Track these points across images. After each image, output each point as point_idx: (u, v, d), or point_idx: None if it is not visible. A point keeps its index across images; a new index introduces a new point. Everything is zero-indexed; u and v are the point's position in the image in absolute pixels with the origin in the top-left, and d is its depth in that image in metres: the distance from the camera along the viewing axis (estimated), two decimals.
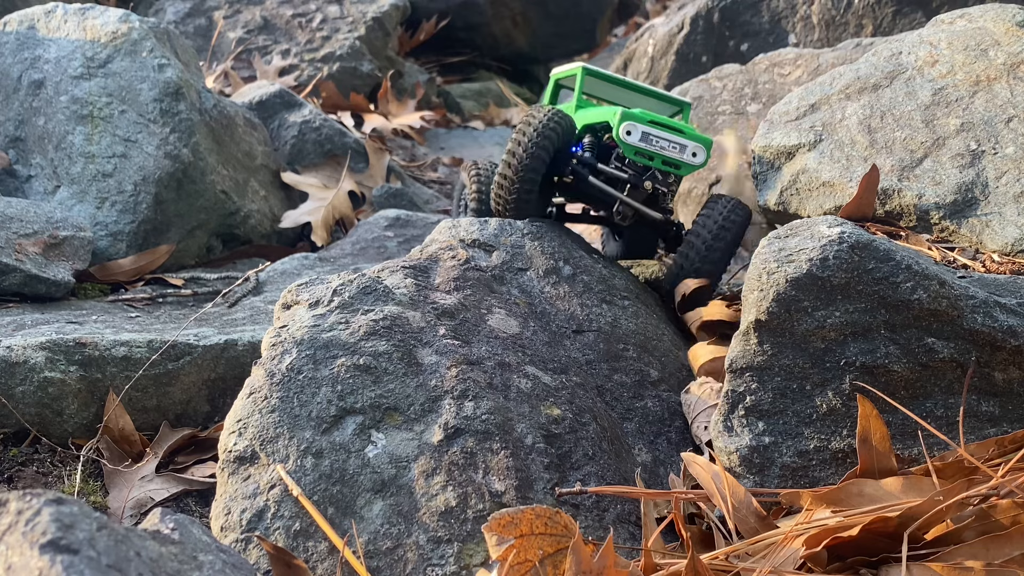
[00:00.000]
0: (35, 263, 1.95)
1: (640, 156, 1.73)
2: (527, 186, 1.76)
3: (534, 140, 1.73)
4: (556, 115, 1.76)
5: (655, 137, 1.72)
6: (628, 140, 1.72)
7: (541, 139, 1.73)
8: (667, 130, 1.73)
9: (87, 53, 2.31)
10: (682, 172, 1.75)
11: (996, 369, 1.30)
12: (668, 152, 1.73)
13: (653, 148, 1.72)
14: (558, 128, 1.75)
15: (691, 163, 1.74)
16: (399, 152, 3.23)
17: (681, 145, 1.73)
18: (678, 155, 1.73)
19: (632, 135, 1.72)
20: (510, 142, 1.76)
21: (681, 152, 1.73)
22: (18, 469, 1.62)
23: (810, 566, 1.12)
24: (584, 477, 1.35)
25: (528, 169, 1.74)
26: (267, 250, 2.45)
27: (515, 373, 1.44)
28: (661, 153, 1.73)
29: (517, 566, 1.07)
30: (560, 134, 1.76)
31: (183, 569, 0.95)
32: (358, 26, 3.60)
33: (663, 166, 1.74)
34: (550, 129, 1.74)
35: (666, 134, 1.73)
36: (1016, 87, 1.68)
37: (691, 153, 1.73)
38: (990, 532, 1.10)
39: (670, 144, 1.73)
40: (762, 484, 1.30)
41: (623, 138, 1.72)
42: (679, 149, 1.73)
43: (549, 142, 1.74)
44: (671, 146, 1.73)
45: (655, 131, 1.72)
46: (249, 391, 1.38)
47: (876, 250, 1.29)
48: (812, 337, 1.29)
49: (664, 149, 1.73)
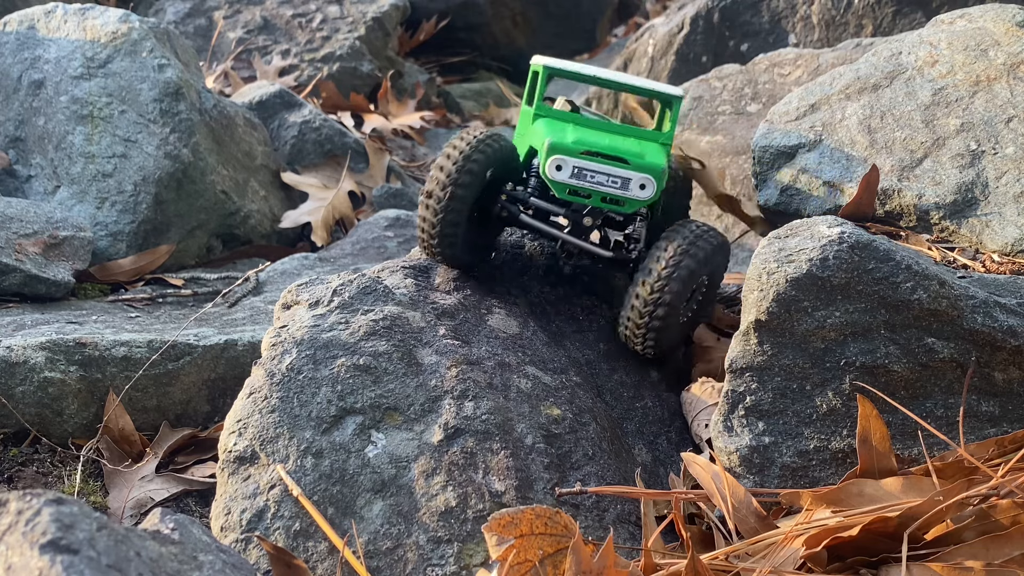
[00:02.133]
0: (35, 263, 1.95)
1: (574, 196, 1.49)
2: (448, 228, 1.50)
3: (453, 175, 1.48)
4: (486, 140, 1.51)
5: (590, 172, 1.47)
6: (557, 177, 1.47)
7: (462, 173, 1.48)
8: (606, 161, 1.48)
9: (87, 53, 2.31)
10: (626, 209, 1.50)
11: (996, 369, 1.30)
12: (608, 188, 1.47)
13: (588, 185, 1.47)
14: (485, 154, 1.50)
15: (637, 198, 1.48)
16: (399, 152, 3.23)
17: (623, 179, 1.47)
18: (619, 191, 1.47)
19: (562, 171, 1.47)
20: (429, 175, 1.52)
21: (623, 187, 1.47)
22: (18, 469, 1.62)
23: (810, 566, 1.12)
24: (584, 477, 1.35)
25: (448, 210, 1.49)
26: (267, 250, 2.45)
27: (515, 373, 1.44)
28: (598, 190, 1.48)
29: (517, 566, 1.07)
30: (489, 162, 1.50)
31: (183, 569, 0.95)
32: (358, 26, 3.60)
33: (603, 204, 1.50)
34: (473, 161, 1.49)
35: (604, 167, 1.47)
36: (1016, 87, 1.68)
37: (637, 186, 1.47)
38: (990, 532, 1.10)
39: (609, 179, 1.47)
40: (762, 484, 1.30)
41: (551, 175, 1.47)
42: (620, 184, 1.47)
43: (472, 176, 1.48)
44: (610, 180, 1.47)
45: (590, 165, 1.47)
46: (249, 391, 1.38)
47: (876, 250, 1.29)
48: (812, 337, 1.29)
49: (601, 185, 1.47)
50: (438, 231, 1.51)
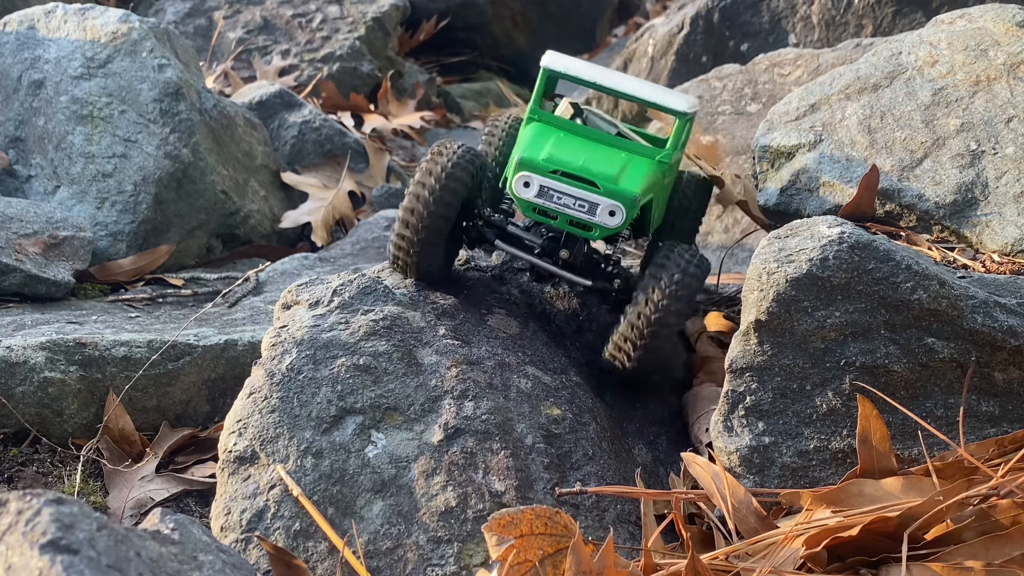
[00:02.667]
0: (35, 263, 1.95)
1: (539, 215, 1.42)
2: (428, 248, 1.47)
3: (436, 191, 1.43)
4: (466, 156, 1.46)
5: (556, 192, 1.40)
6: (523, 195, 1.40)
7: (445, 191, 1.43)
8: (575, 183, 1.40)
9: (87, 53, 2.31)
10: (594, 235, 1.43)
11: (996, 369, 1.30)
12: (574, 212, 1.40)
13: (553, 206, 1.40)
14: (467, 171, 1.45)
15: (605, 225, 1.40)
16: (399, 152, 3.23)
17: (590, 203, 1.39)
18: (586, 215, 1.40)
19: (529, 188, 1.40)
20: (409, 191, 1.46)
21: (590, 212, 1.39)
22: (18, 469, 1.62)
23: (810, 566, 1.12)
24: (584, 477, 1.35)
25: (428, 229, 1.44)
26: (267, 250, 2.45)
27: (515, 373, 1.44)
28: (564, 212, 1.40)
29: (517, 566, 1.07)
30: (471, 179, 1.46)
31: (183, 569, 0.95)
32: (358, 26, 3.60)
33: (569, 227, 1.42)
34: (455, 179, 1.44)
35: (572, 188, 1.39)
36: (1016, 87, 1.68)
37: (606, 212, 1.39)
38: (990, 532, 1.10)
39: (576, 202, 1.39)
40: (762, 484, 1.30)
41: (517, 192, 1.40)
42: (587, 208, 1.39)
43: (454, 195, 1.44)
44: (577, 204, 1.39)
45: (558, 185, 1.40)
46: (249, 391, 1.38)
47: (876, 250, 1.29)
48: (812, 337, 1.29)
49: (567, 208, 1.40)
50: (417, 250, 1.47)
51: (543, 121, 1.53)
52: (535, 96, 1.54)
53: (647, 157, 1.50)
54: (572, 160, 1.42)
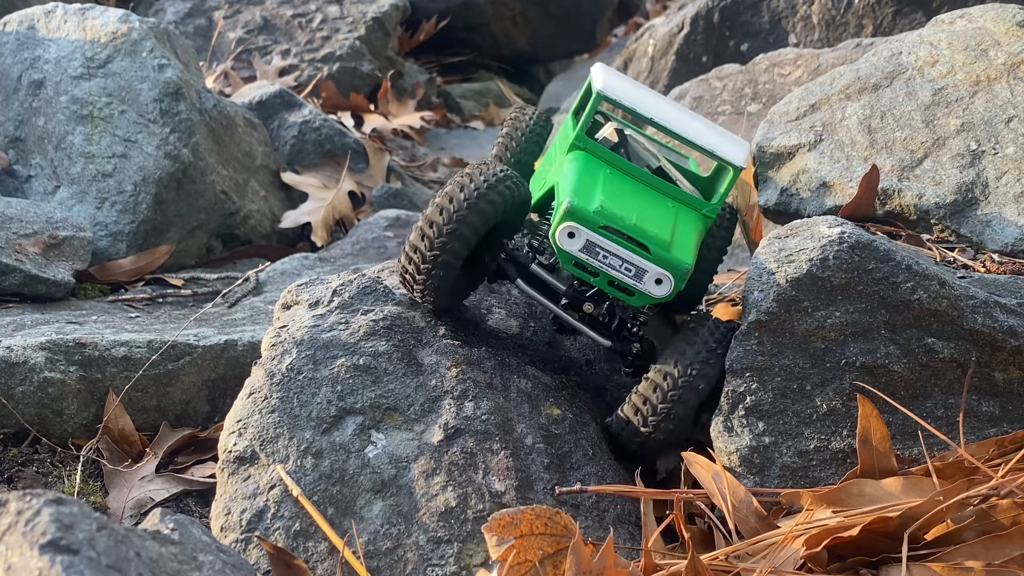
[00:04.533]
0: (35, 263, 1.95)
1: (579, 269, 1.31)
2: (441, 270, 1.34)
3: (462, 212, 1.30)
4: (508, 181, 1.33)
5: (603, 251, 1.27)
6: (567, 247, 1.28)
7: (472, 212, 1.30)
8: (626, 243, 1.28)
9: (87, 53, 2.31)
10: (635, 301, 1.31)
11: (996, 369, 1.30)
12: (618, 274, 1.28)
13: (597, 264, 1.28)
14: (504, 198, 1.32)
15: (649, 293, 1.29)
16: (399, 152, 3.23)
17: (638, 269, 1.27)
18: (631, 280, 1.28)
19: (574, 240, 1.27)
20: (433, 204, 1.33)
21: (637, 278, 1.28)
22: (18, 469, 1.62)
23: (810, 566, 1.12)
24: (584, 477, 1.35)
25: (445, 249, 1.31)
26: (267, 250, 2.45)
27: (515, 373, 1.44)
28: (607, 272, 1.29)
29: (517, 566, 1.07)
30: (505, 207, 1.33)
31: (183, 569, 0.95)
32: (358, 26, 3.60)
33: (609, 288, 1.31)
34: (489, 201, 1.31)
35: (621, 249, 1.27)
36: (1016, 87, 1.68)
37: (652, 280, 1.28)
38: (990, 532, 1.10)
39: (622, 264, 1.28)
40: (762, 484, 1.30)
41: (560, 242, 1.28)
42: (634, 273, 1.28)
43: (483, 217, 1.31)
44: (623, 267, 1.28)
45: (606, 243, 1.27)
46: (249, 391, 1.38)
47: (876, 250, 1.29)
48: (812, 337, 1.29)
49: (613, 269, 1.28)
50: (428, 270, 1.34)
51: (588, 151, 1.40)
52: (583, 121, 1.40)
53: (695, 210, 1.39)
54: (625, 215, 1.29)
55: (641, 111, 1.38)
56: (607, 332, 1.39)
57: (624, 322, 1.39)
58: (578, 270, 1.31)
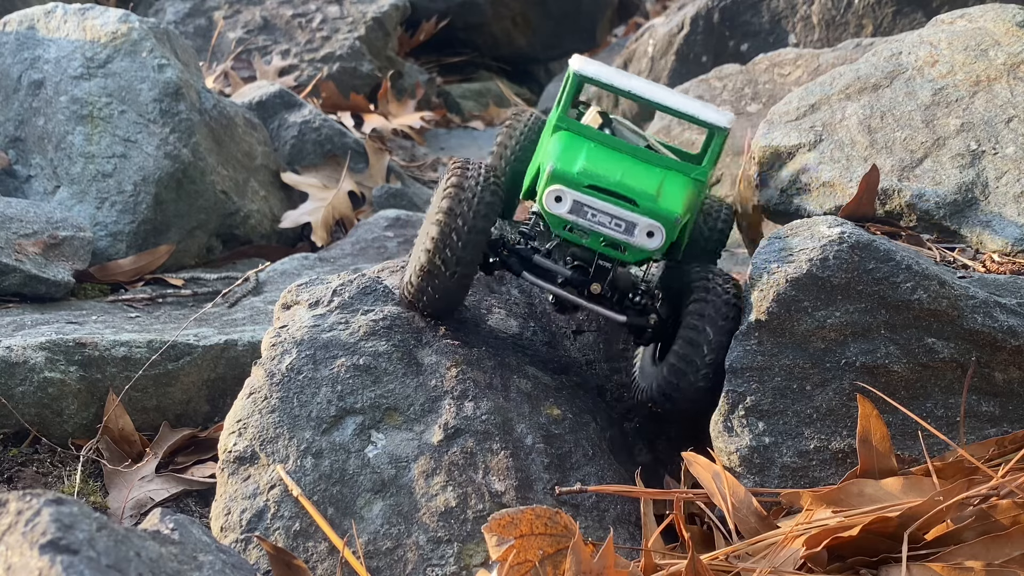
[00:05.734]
0: (35, 263, 1.95)
1: (570, 232, 1.31)
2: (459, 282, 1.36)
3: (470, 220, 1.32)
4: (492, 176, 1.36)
5: (591, 210, 1.28)
6: (555, 210, 1.29)
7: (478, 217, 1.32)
8: (613, 199, 1.28)
9: (87, 53, 2.31)
10: (628, 257, 1.32)
11: (996, 369, 1.30)
12: (609, 231, 1.29)
13: (587, 223, 1.29)
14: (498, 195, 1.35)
15: (644, 247, 1.29)
16: (399, 152, 3.23)
17: (628, 223, 1.28)
18: (622, 235, 1.28)
19: (561, 203, 1.28)
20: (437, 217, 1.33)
21: (628, 232, 1.28)
22: (18, 469, 1.62)
23: (810, 566, 1.12)
24: (584, 477, 1.35)
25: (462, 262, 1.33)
26: (267, 250, 2.45)
27: (515, 373, 1.44)
28: (598, 231, 1.29)
29: (517, 566, 1.07)
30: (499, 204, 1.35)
31: (183, 569, 0.95)
32: (358, 26, 3.60)
33: (602, 248, 1.31)
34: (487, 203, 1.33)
35: (609, 206, 1.28)
36: (1016, 87, 1.68)
37: (644, 233, 1.28)
38: (990, 532, 1.10)
39: (612, 220, 1.28)
40: (762, 484, 1.30)
41: (548, 206, 1.29)
42: (624, 227, 1.28)
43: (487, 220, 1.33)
44: (613, 223, 1.28)
45: (593, 201, 1.28)
46: (249, 391, 1.38)
47: (876, 250, 1.29)
48: (812, 337, 1.29)
49: (602, 226, 1.28)
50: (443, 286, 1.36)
51: (571, 131, 1.39)
52: (563, 103, 1.40)
53: (683, 174, 1.38)
54: (609, 174, 1.30)
55: (618, 85, 1.38)
56: (619, 308, 1.37)
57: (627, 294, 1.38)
58: (568, 233, 1.31)
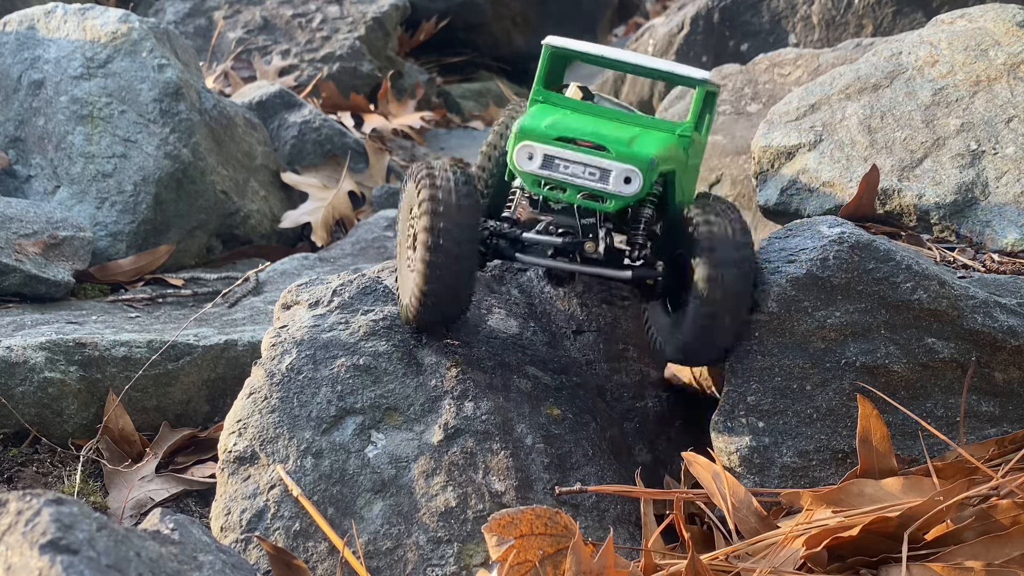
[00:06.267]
0: (35, 263, 1.95)
1: (547, 189, 1.27)
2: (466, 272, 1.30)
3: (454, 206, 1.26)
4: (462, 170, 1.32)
5: (563, 161, 1.25)
6: (526, 167, 1.25)
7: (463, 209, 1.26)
8: (583, 149, 1.25)
9: (87, 53, 2.31)
10: (609, 207, 1.27)
11: (996, 369, 1.30)
12: (583, 181, 1.25)
13: (560, 176, 1.25)
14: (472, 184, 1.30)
15: (622, 193, 1.24)
16: (399, 152, 3.23)
17: (602, 170, 1.24)
18: (598, 183, 1.24)
19: (532, 160, 1.25)
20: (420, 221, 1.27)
21: (603, 180, 1.24)
22: (18, 469, 1.62)
23: (810, 566, 1.12)
24: (584, 477, 1.35)
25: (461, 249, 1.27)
26: (267, 250, 2.45)
27: (515, 373, 1.44)
28: (572, 182, 1.25)
29: (517, 566, 1.07)
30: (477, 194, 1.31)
31: (183, 569, 0.95)
32: (358, 26, 3.60)
33: (581, 200, 1.26)
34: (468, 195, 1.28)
35: (579, 155, 1.24)
36: (1016, 87, 1.68)
37: (620, 179, 1.24)
38: (990, 532, 1.10)
39: (585, 170, 1.24)
40: (762, 484, 1.30)
41: (519, 164, 1.25)
42: (599, 176, 1.24)
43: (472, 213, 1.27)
44: (587, 172, 1.25)
45: (563, 152, 1.25)
46: (249, 391, 1.38)
47: (876, 250, 1.29)
48: (812, 337, 1.29)
49: (576, 177, 1.25)
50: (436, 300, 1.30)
51: (548, 102, 1.39)
52: (539, 76, 1.39)
53: (666, 131, 1.35)
54: (580, 126, 1.28)
55: (592, 52, 1.37)
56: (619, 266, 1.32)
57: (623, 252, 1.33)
58: (546, 191, 1.27)
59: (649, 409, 1.55)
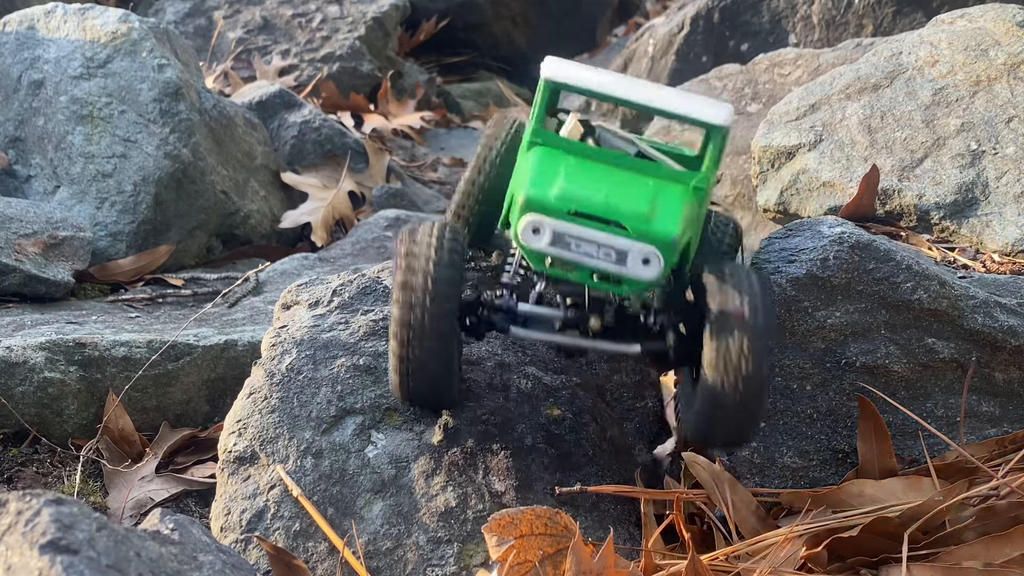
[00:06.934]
0: (35, 263, 1.95)
1: (554, 268, 1.13)
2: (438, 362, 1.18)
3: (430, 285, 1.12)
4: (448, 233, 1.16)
5: (575, 239, 1.09)
6: (533, 244, 1.10)
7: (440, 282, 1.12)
8: (599, 225, 1.09)
9: (87, 53, 2.31)
10: (624, 290, 1.14)
11: (996, 369, 1.30)
12: (597, 262, 1.10)
13: (572, 256, 1.10)
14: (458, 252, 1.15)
15: (640, 277, 1.09)
16: (399, 152, 3.23)
17: (619, 251, 1.09)
18: (614, 266, 1.09)
19: (539, 235, 1.09)
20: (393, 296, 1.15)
21: (620, 261, 1.09)
22: (18, 469, 1.62)
23: (810, 566, 1.12)
24: (584, 477, 1.35)
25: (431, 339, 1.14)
26: (267, 250, 2.45)
27: (515, 373, 1.44)
28: (585, 264, 1.10)
29: (517, 566, 1.07)
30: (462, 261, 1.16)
31: (183, 569, 0.95)
32: (358, 26, 3.60)
33: (593, 281, 1.13)
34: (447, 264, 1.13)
35: (595, 233, 1.09)
36: (1016, 87, 1.68)
37: (639, 261, 1.09)
38: (990, 532, 1.10)
39: (600, 250, 1.09)
40: (762, 484, 1.30)
41: (525, 240, 1.10)
42: (616, 257, 1.09)
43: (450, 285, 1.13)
44: (602, 252, 1.09)
45: (576, 229, 1.09)
46: (249, 391, 1.38)
47: (876, 250, 1.29)
48: (812, 337, 1.29)
49: (590, 258, 1.10)
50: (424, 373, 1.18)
51: (548, 145, 1.21)
52: (536, 115, 1.23)
53: (680, 183, 1.18)
54: (593, 196, 1.11)
55: (596, 89, 1.19)
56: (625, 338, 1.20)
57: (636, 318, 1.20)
58: (553, 270, 1.14)
59: (649, 409, 1.55)
